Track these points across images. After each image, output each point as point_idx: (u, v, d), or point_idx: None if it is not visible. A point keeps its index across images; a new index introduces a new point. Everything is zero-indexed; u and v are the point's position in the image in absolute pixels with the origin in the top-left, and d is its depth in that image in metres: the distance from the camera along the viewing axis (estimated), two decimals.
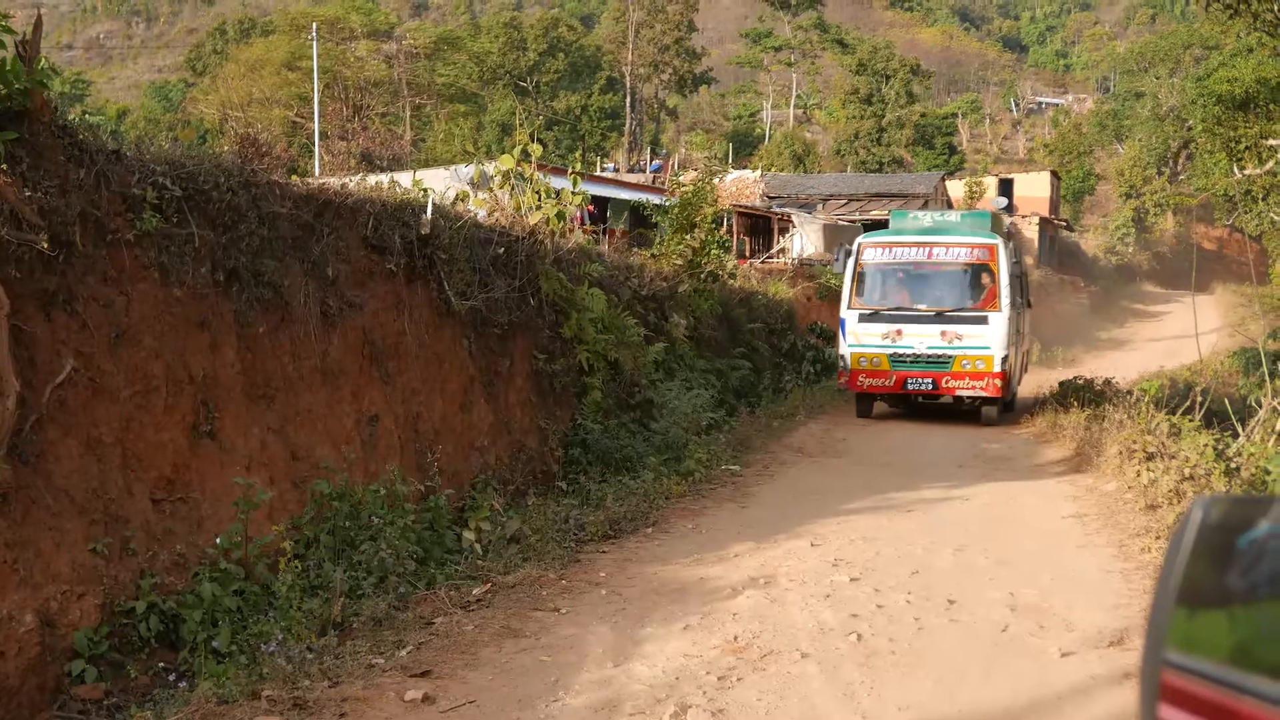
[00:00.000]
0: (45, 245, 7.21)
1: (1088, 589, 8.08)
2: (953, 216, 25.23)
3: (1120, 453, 13.33)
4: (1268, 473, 9.49)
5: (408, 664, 6.78)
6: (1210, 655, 1.56)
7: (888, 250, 22.46)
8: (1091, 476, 13.33)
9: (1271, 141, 19.08)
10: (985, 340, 20.74)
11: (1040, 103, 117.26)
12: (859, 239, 22.92)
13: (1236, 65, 21.81)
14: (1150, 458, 12.64)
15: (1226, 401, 15.57)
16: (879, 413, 22.96)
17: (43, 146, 7.54)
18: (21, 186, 7.22)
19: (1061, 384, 23.46)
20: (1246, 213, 22.79)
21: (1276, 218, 20.19)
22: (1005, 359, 20.74)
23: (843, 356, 22.03)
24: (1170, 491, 10.88)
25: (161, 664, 7.10)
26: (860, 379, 21.73)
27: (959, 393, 21.43)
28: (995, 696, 6.12)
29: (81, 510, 7.26)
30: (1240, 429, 13.16)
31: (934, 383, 21.17)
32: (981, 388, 21.02)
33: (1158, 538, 9.19)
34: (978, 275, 21.48)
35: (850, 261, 22.30)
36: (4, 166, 7.15)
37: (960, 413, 22.44)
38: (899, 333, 21.09)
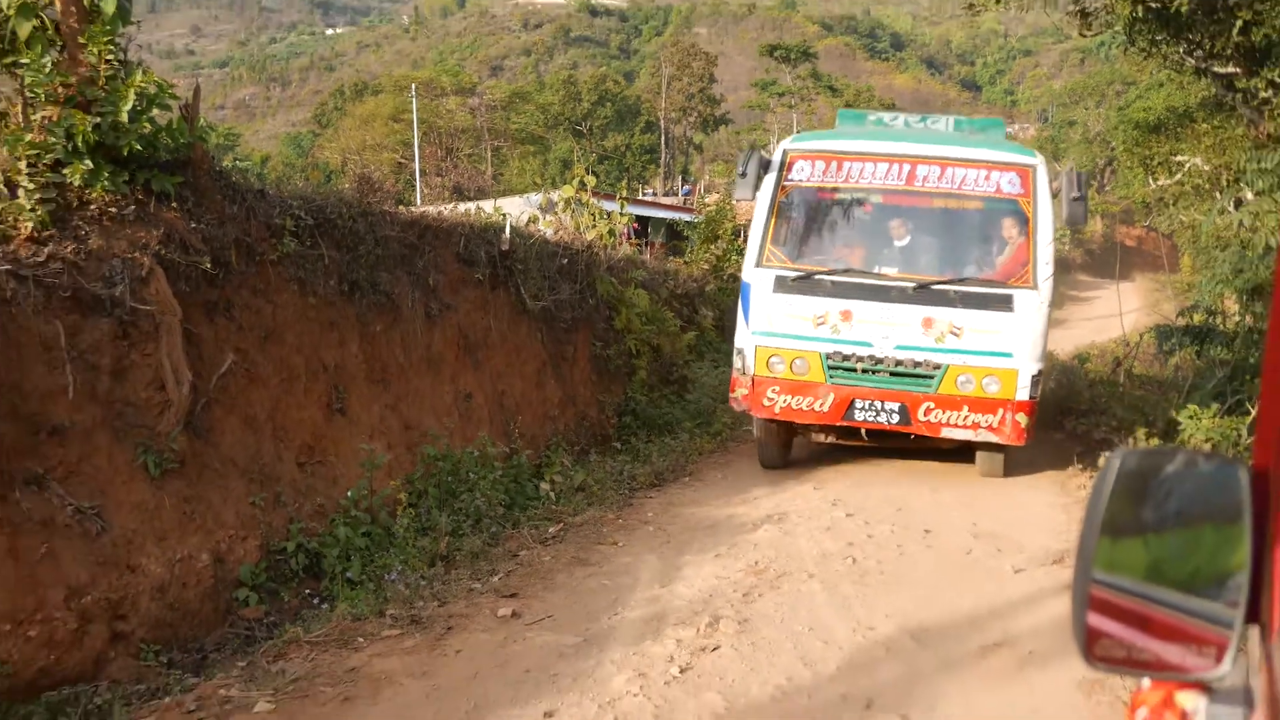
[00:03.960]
0: (208, 265, 7.28)
1: (1035, 520, 8.08)
2: (941, 125, 11.20)
3: (1060, 409, 13.21)
4: (1179, 425, 9.37)
5: (499, 587, 6.84)
6: (1127, 574, 1.57)
7: (835, 166, 9.85)
8: (1040, 430, 13.22)
9: (1179, 158, 18.82)
10: (1005, 339, 9.00)
11: None
12: (783, 144, 10.47)
13: (1150, 97, 21.59)
14: (1084, 414, 12.53)
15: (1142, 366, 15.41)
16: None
17: (203, 188, 7.60)
18: (188, 220, 7.29)
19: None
20: (1160, 215, 22.44)
21: (1184, 219, 19.86)
22: (1039, 378, 9.15)
23: (739, 353, 9.79)
24: (1100, 441, 10.81)
25: (307, 590, 7.20)
26: (769, 396, 9.52)
27: (948, 432, 9.27)
28: (962, 605, 6.11)
29: (242, 472, 7.35)
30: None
31: (903, 411, 9.22)
32: (991, 427, 9.08)
33: (1090, 478, 9.12)
34: (998, 222, 9.51)
35: (769, 181, 9.88)
36: (174, 205, 7.22)
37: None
38: (846, 315, 9.27)
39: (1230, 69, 12.55)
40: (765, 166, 9.80)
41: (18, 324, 6.01)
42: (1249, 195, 10.76)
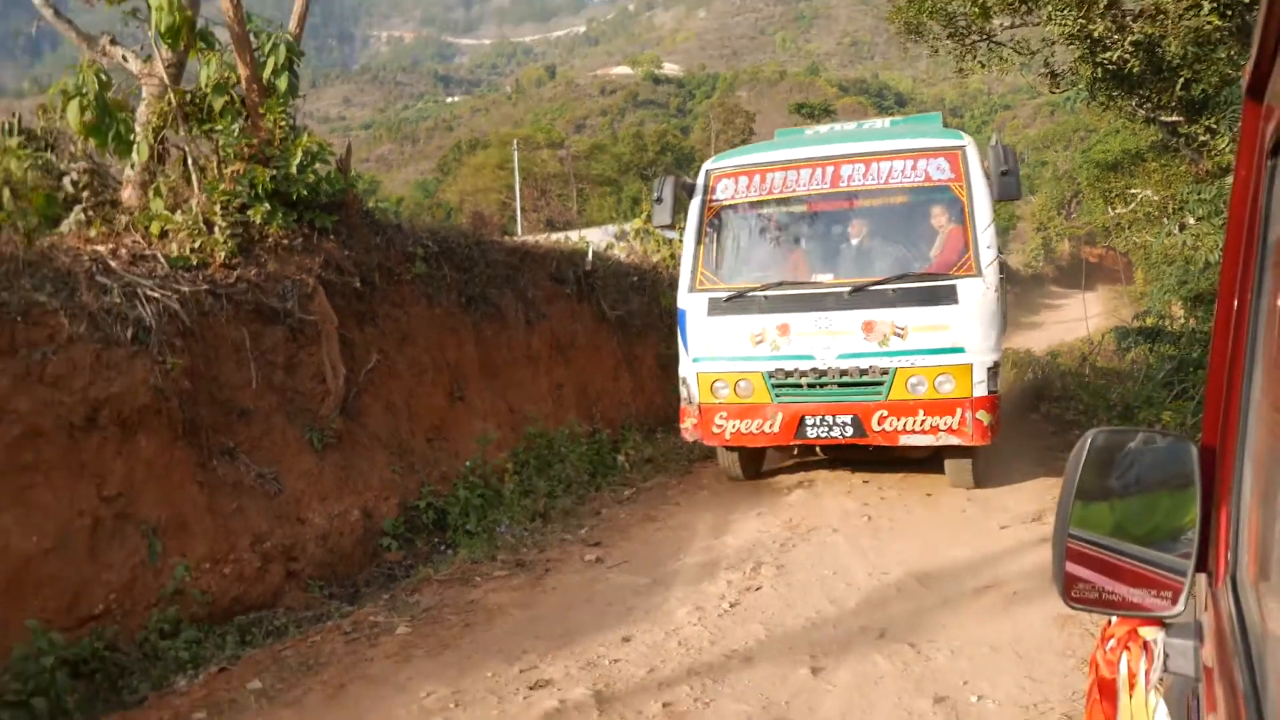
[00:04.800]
0: (358, 284, 7.39)
1: (1017, 486, 7.92)
2: (877, 125, 9.12)
3: (1037, 396, 12.97)
4: (1136, 409, 9.18)
5: (585, 538, 6.87)
6: (1098, 530, 1.57)
7: (758, 180, 7.88)
8: (1016, 410, 12.98)
9: (1132, 190, 18.41)
10: (954, 334, 7.04)
11: None
12: (705, 165, 8.35)
13: (1108, 141, 21.18)
14: (1056, 399, 12.29)
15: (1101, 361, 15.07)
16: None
17: (354, 224, 7.72)
18: (342, 249, 7.41)
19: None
20: (1117, 237, 21.96)
21: (1137, 240, 19.42)
22: (995, 370, 7.19)
23: (684, 382, 7.88)
24: (1070, 421, 10.58)
25: (435, 539, 7.26)
26: (717, 423, 7.65)
27: (907, 439, 7.22)
28: (959, 554, 6.03)
29: (384, 446, 7.45)
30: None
31: (856, 423, 7.24)
32: (951, 429, 7.06)
33: (1064, 451, 8.94)
34: (932, 210, 7.49)
35: (694, 204, 8.07)
36: (331, 237, 7.34)
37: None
38: (783, 329, 7.39)
39: (1174, 118, 12.27)
40: (689, 190, 7.99)
41: (215, 331, 6.15)
42: (1191, 220, 10.51)
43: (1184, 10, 9.48)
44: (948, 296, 6.98)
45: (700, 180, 7.98)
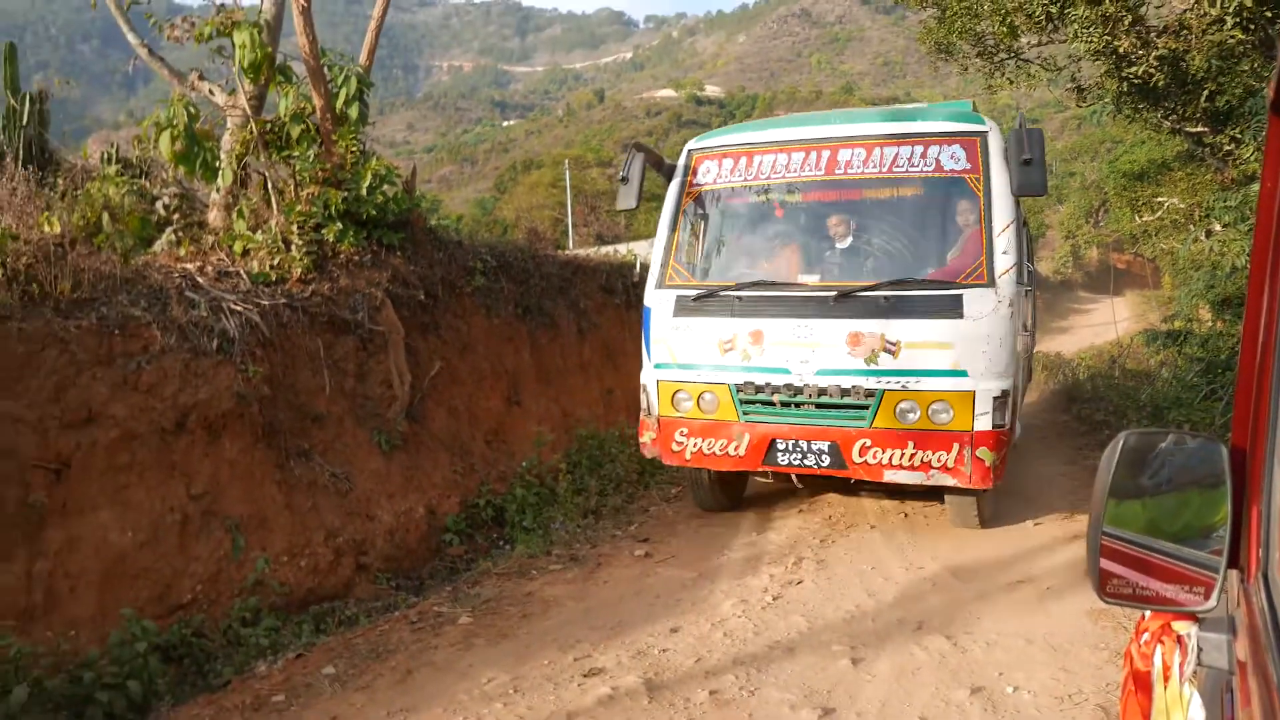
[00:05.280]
0: (422, 296, 7.48)
1: (1049, 484, 7.76)
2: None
3: (1068, 397, 12.71)
4: (1165, 409, 8.95)
5: (635, 534, 6.85)
6: (1131, 528, 1.54)
7: (744, 163, 6.40)
8: (1048, 411, 12.74)
9: (1159, 198, 17.98)
10: (956, 353, 5.47)
11: None
12: (689, 144, 6.78)
13: (1135, 152, 20.73)
14: (1086, 400, 12.04)
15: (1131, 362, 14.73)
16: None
17: (419, 240, 7.81)
18: (408, 264, 7.50)
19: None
20: (1145, 244, 21.46)
21: (1164, 247, 18.96)
22: (1004, 400, 5.50)
23: (644, 390, 6.38)
24: (1100, 422, 10.36)
25: (494, 535, 7.30)
26: (677, 440, 6.18)
27: (893, 475, 5.59)
28: (992, 550, 5.92)
29: (447, 448, 7.52)
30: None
31: (834, 451, 5.70)
32: (945, 466, 5.46)
33: (1094, 450, 8.76)
34: (941, 207, 5.98)
35: (673, 188, 6.59)
36: (398, 253, 7.44)
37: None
38: (756, 336, 5.90)
39: (1199, 129, 11.97)
40: (668, 172, 6.62)
41: (291, 341, 6.25)
42: (1217, 227, 10.23)
43: (1207, 25, 9.25)
44: (950, 309, 5.49)
45: (681, 161, 6.60)
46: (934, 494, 6.52)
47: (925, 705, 3.82)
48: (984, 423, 5.41)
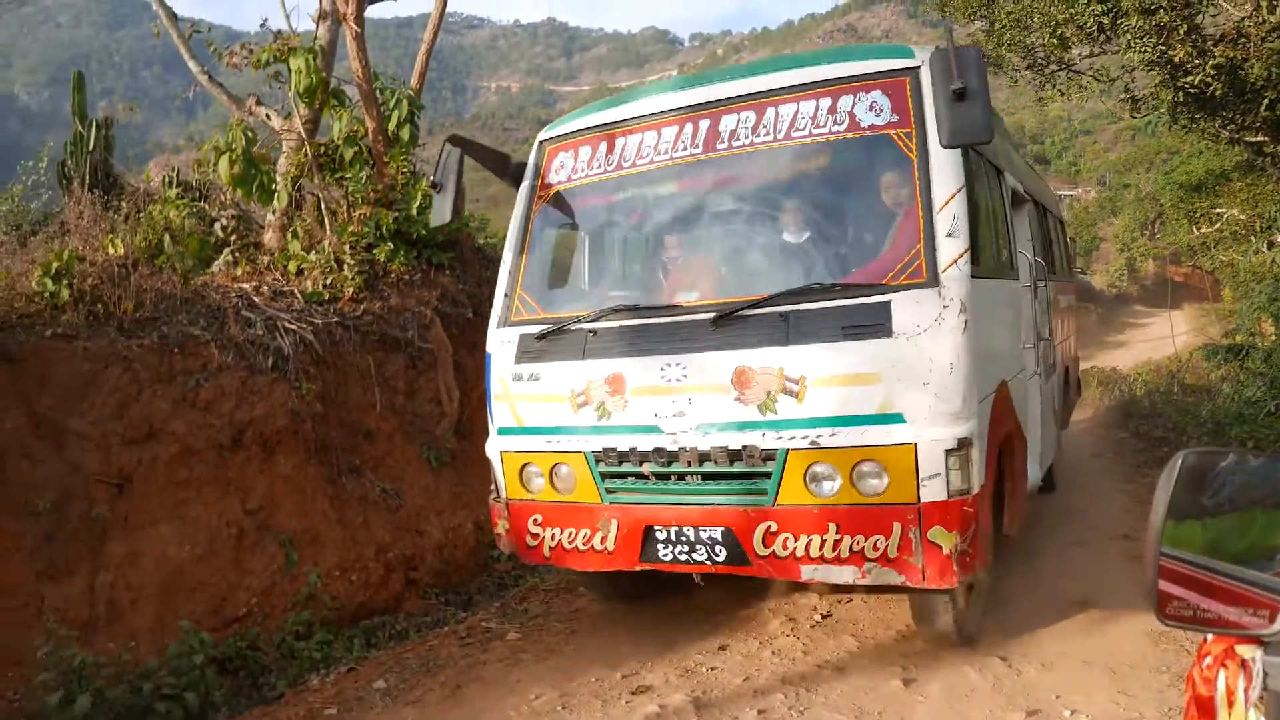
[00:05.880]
0: (470, 315, 7.56)
1: (1105, 501, 7.57)
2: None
3: (1124, 413, 12.43)
4: (1227, 425, 8.71)
5: None
6: (1190, 549, 1.50)
7: (604, 149, 4.59)
8: (1105, 427, 12.45)
9: (1218, 209, 17.57)
10: (884, 388, 3.67)
11: (1060, 195, 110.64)
12: (540, 134, 5.00)
13: (1191, 163, 20.33)
14: (1144, 416, 11.76)
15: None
16: None
17: (467, 259, 7.90)
18: (456, 283, 7.59)
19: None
20: (1203, 256, 20.96)
21: (1224, 259, 18.50)
22: (964, 452, 3.63)
23: (491, 463, 4.58)
24: (1159, 439, 10.11)
25: None
26: (532, 532, 4.44)
27: (813, 571, 3.80)
28: (1048, 569, 5.79)
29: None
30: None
31: (730, 540, 3.94)
32: (885, 558, 3.66)
33: (1151, 468, 8.54)
34: (863, 177, 4.19)
35: (523, 193, 4.85)
36: (447, 272, 7.54)
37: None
38: (615, 383, 4.14)
39: (1260, 138, 11.69)
40: (515, 175, 4.95)
41: (343, 359, 6.37)
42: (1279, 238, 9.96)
43: (1267, 33, 9.05)
44: (872, 324, 3.77)
45: (531, 159, 4.96)
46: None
47: None
48: (935, 489, 3.65)
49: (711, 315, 4.02)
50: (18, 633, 4.44)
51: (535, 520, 4.49)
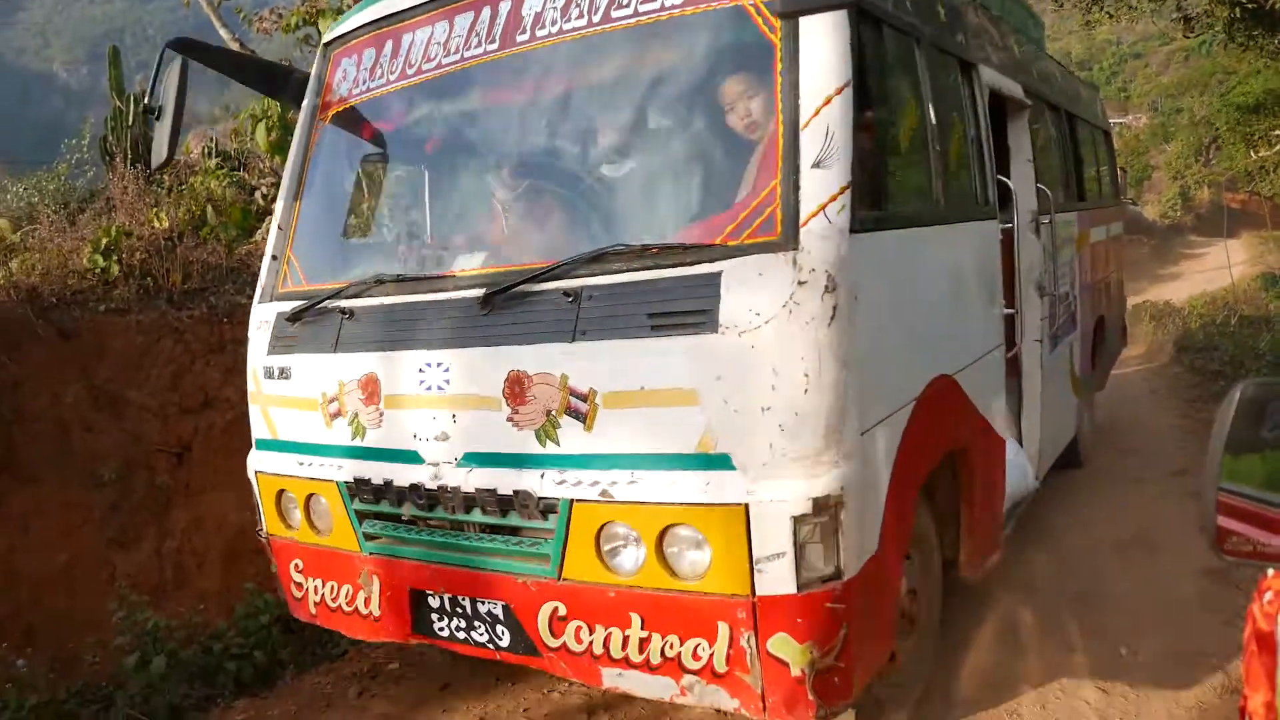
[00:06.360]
0: None
1: (1162, 438, 7.45)
2: None
3: (1178, 346, 12.16)
4: None
5: None
6: (1249, 483, 1.49)
7: (390, 49, 3.19)
8: (1159, 363, 12.19)
9: (1277, 132, 16.96)
10: (706, 414, 2.26)
11: (1112, 122, 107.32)
12: (326, 34, 3.58)
13: (1249, 82, 19.60)
14: (1199, 350, 11.50)
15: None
16: None
17: None
18: None
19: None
20: (1262, 181, 20.30)
21: None
22: (830, 515, 2.20)
23: (255, 494, 3.22)
24: (1215, 372, 9.88)
25: None
26: (296, 581, 3.20)
27: (614, 677, 2.48)
28: (1102, 507, 5.74)
29: None
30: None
31: (510, 620, 2.63)
32: (711, 671, 2.30)
33: (1207, 403, 8.36)
34: (703, 80, 2.65)
35: (304, 112, 3.52)
36: None
37: None
38: (369, 387, 2.83)
39: None
40: (295, 93, 3.80)
41: None
42: None
43: None
44: (691, 310, 2.39)
45: (315, 67, 3.76)
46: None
47: (1033, 665, 3.75)
48: (777, 576, 2.31)
49: (480, 295, 2.71)
50: (92, 600, 4.63)
51: (297, 566, 3.36)
